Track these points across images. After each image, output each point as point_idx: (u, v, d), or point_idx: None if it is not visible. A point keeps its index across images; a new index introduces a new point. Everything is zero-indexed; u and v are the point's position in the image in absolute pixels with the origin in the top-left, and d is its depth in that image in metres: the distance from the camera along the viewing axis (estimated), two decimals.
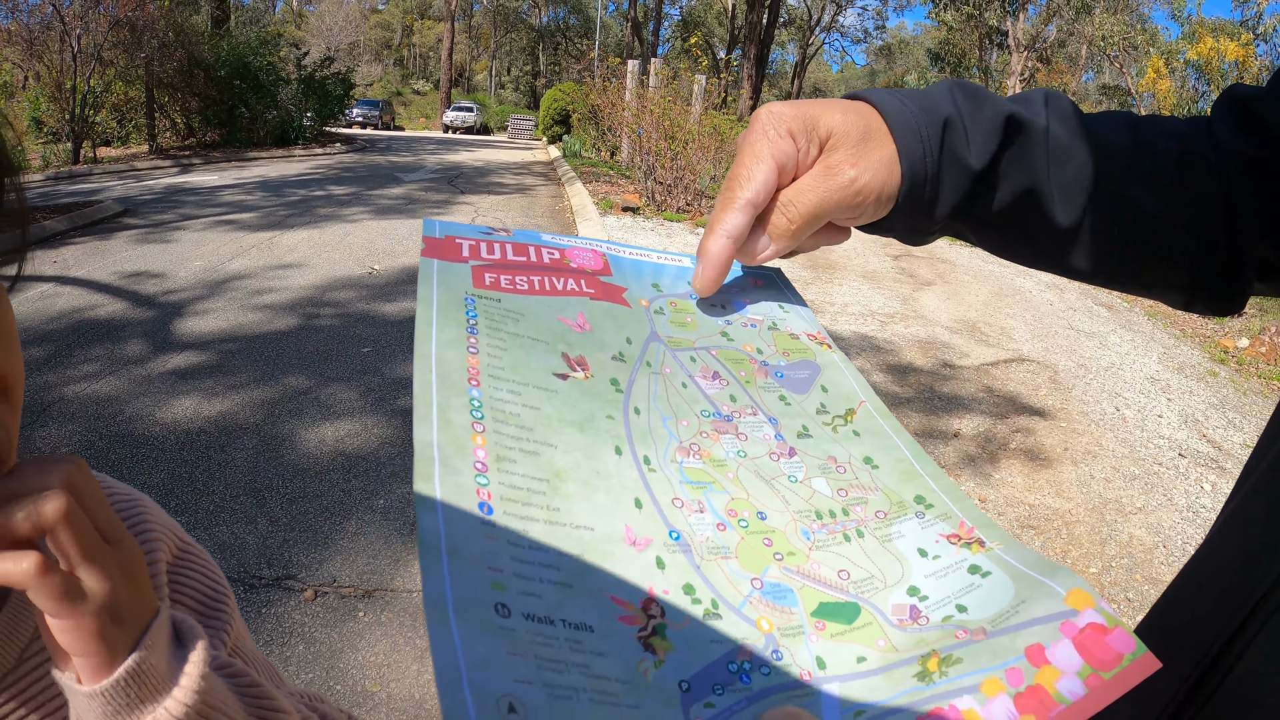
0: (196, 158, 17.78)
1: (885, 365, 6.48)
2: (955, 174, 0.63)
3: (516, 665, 0.32)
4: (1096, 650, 0.35)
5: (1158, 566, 3.85)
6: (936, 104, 0.63)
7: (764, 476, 0.47)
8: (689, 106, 13.97)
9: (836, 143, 0.60)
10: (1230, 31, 21.67)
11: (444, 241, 0.56)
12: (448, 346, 0.46)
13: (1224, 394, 7.12)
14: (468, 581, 0.34)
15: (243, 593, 2.98)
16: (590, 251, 0.61)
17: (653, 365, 0.52)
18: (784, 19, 45.26)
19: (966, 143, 0.63)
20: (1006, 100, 0.67)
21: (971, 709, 0.35)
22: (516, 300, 0.52)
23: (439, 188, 14.83)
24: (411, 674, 2.68)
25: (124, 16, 16.12)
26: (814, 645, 0.39)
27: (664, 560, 0.40)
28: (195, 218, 10.10)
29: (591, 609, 0.36)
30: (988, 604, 0.40)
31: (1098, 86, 41.61)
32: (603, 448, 0.45)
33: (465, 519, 0.37)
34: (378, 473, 3.92)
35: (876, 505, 0.47)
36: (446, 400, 0.42)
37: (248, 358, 5.32)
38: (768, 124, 0.60)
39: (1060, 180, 0.64)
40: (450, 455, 0.39)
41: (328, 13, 70.41)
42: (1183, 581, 0.72)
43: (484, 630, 0.32)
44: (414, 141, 30.90)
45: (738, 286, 0.64)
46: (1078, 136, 0.64)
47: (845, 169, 0.59)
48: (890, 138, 0.61)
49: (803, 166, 0.61)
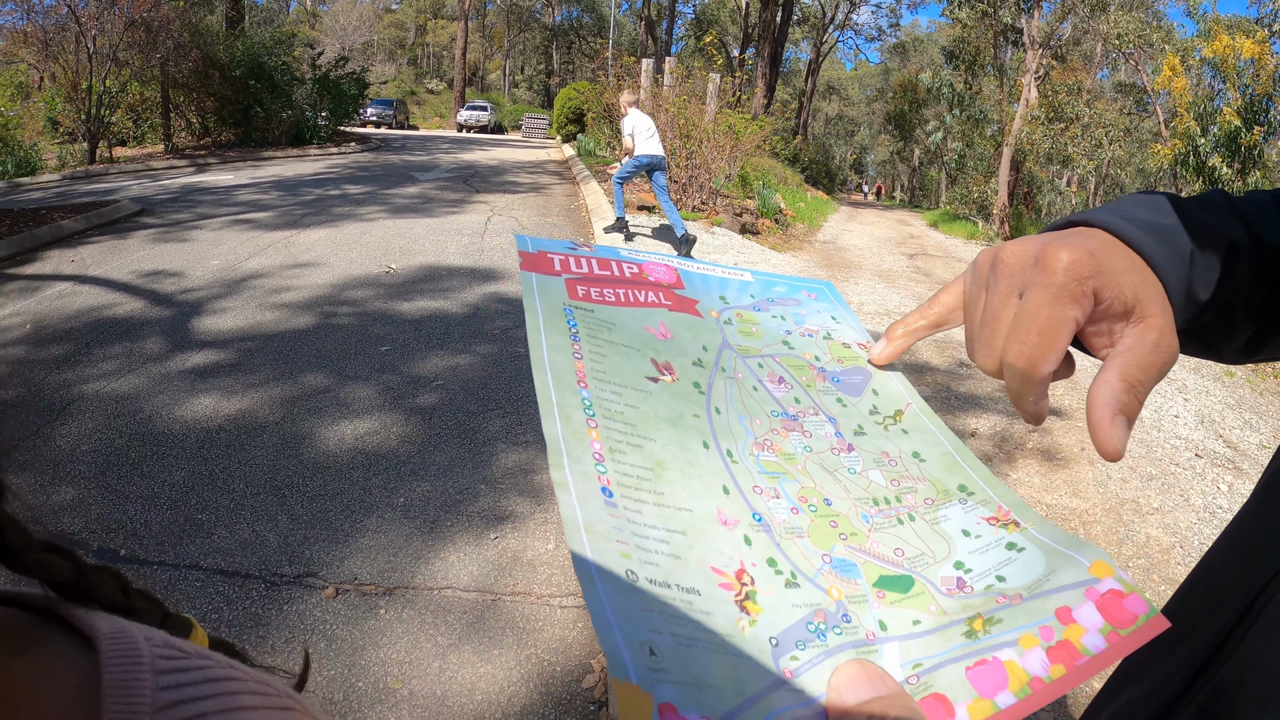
0: (212, 157, 17.86)
1: (901, 364, 6.46)
2: (1187, 308, 0.60)
3: (649, 618, 0.38)
4: (1115, 611, 0.41)
5: (1175, 567, 3.84)
6: (1181, 244, 0.59)
7: (827, 468, 0.53)
8: (704, 105, 13.97)
9: (1146, 311, 0.53)
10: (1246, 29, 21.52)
11: (537, 256, 0.62)
12: (557, 352, 0.52)
13: (1240, 394, 7.09)
14: (603, 552, 0.40)
15: (264, 590, 3.01)
16: (664, 266, 0.67)
17: (727, 370, 0.59)
18: (798, 17, 45.17)
19: (1199, 277, 0.60)
20: (1214, 217, 0.63)
21: (1012, 660, 0.40)
22: (607, 311, 0.59)
23: (454, 187, 14.86)
24: (433, 671, 2.70)
25: (139, 17, 16.22)
26: (876, 610, 0.45)
27: (750, 538, 0.46)
28: (212, 217, 10.16)
29: (698, 576, 0.42)
30: (1023, 574, 0.46)
31: (1113, 84, 41.42)
32: (693, 442, 0.51)
33: (593, 500, 0.43)
34: (398, 470, 3.94)
35: (925, 493, 0.53)
36: (564, 399, 0.49)
37: (266, 356, 5.36)
38: (1069, 284, 0.52)
39: (1250, 298, 0.64)
40: (574, 446, 0.46)
41: (341, 12, 70.52)
42: (1194, 575, 0.77)
43: (620, 591, 0.38)
44: (428, 140, 30.96)
45: (794, 300, 0.70)
46: (1259, 248, 0.63)
47: (1172, 345, 0.53)
48: (1165, 294, 0.56)
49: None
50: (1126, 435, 0.51)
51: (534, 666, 2.76)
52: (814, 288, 0.73)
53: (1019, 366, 0.53)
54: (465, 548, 3.36)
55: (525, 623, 2.96)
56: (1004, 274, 0.55)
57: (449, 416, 4.58)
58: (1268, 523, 0.68)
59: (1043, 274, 0.52)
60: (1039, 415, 0.56)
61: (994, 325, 0.55)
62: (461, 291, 7.22)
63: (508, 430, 4.45)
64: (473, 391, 4.96)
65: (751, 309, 0.67)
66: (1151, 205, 0.61)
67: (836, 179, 50.89)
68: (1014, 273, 0.54)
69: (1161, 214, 0.60)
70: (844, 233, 17.37)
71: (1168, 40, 25.21)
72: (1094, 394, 0.52)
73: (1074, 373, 0.56)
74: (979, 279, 0.58)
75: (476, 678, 2.69)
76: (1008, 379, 0.55)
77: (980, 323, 0.56)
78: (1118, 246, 0.55)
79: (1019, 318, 0.53)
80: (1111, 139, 24.44)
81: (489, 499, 3.75)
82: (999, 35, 26.56)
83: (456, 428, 4.45)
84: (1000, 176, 23.66)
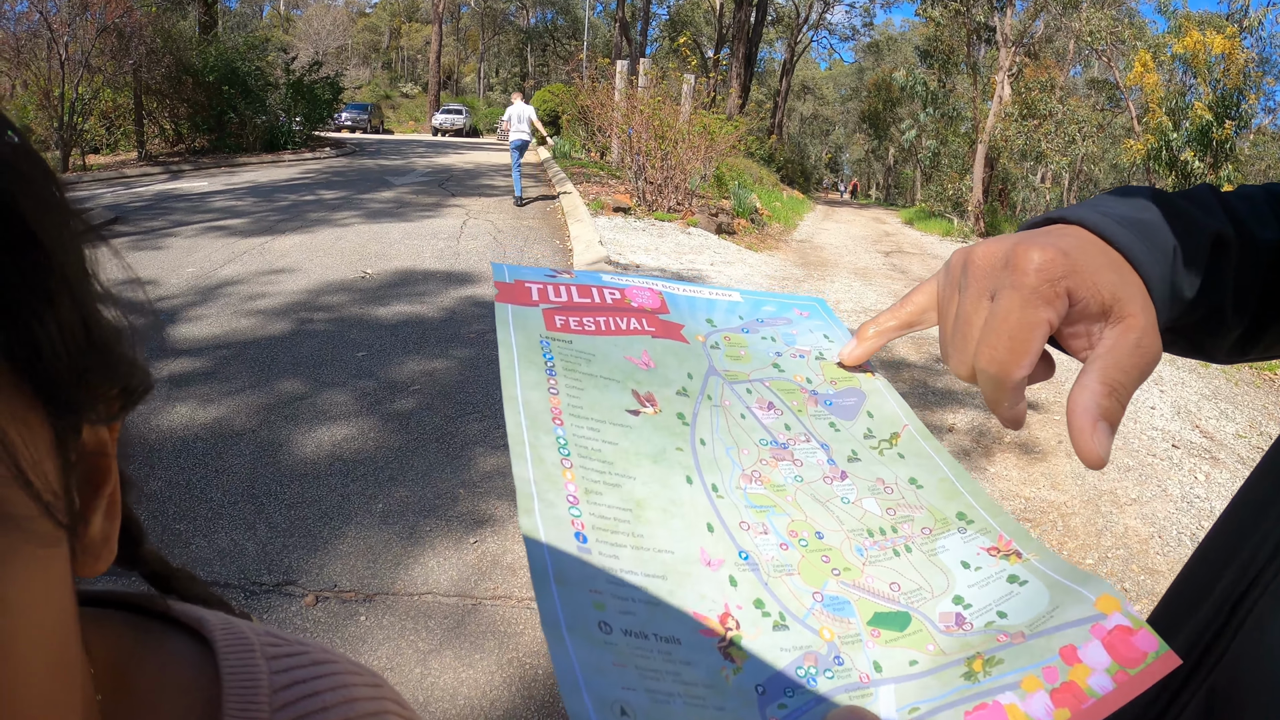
0: (186, 164, 17.74)
1: (878, 361, 6.44)
2: (1171, 306, 0.59)
3: (622, 674, 0.36)
4: (1123, 649, 0.39)
5: (1154, 557, 3.87)
6: (1163, 239, 0.57)
7: (819, 499, 0.51)
8: (678, 106, 14.00)
9: (1125, 310, 0.52)
10: (1217, 24, 21.71)
11: (514, 286, 0.59)
12: (531, 389, 0.50)
13: (1216, 385, 7.16)
14: (574, 603, 0.38)
15: (243, 599, 2.98)
16: (648, 290, 0.64)
17: (713, 398, 0.56)
18: (772, 17, 45.24)
19: (1184, 274, 0.58)
20: (1199, 212, 0.61)
21: (1013, 704, 0.38)
22: (587, 341, 0.56)
23: (430, 191, 14.82)
24: (414, 677, 2.69)
25: (111, 23, 16.08)
26: (871, 651, 0.43)
27: (736, 578, 0.44)
28: (186, 224, 10.08)
29: (677, 623, 0.40)
30: (1025, 610, 0.44)
31: (1086, 80, 41.72)
32: (675, 478, 0.48)
33: (565, 547, 0.41)
34: (375, 476, 3.92)
35: (922, 522, 0.51)
36: (537, 439, 0.46)
37: (242, 364, 5.32)
38: (1041, 286, 0.50)
39: (1239, 295, 0.62)
40: (546, 490, 0.43)
41: (315, 17, 70.18)
42: (1187, 568, 0.75)
43: (592, 644, 0.36)
44: (403, 144, 30.86)
45: (784, 319, 0.68)
46: (1250, 245, 0.62)
47: (1154, 344, 0.52)
48: (1146, 292, 0.54)
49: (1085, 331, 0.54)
50: (1109, 441, 0.50)
51: (516, 670, 2.75)
52: (806, 305, 0.71)
53: (991, 372, 0.51)
54: (445, 552, 3.35)
55: (506, 626, 2.95)
56: (975, 276, 0.53)
57: (426, 421, 4.57)
58: (1245, 527, 0.67)
59: (1013, 275, 0.50)
60: (1017, 420, 0.54)
61: (966, 330, 0.53)
62: (437, 296, 7.20)
63: (485, 434, 4.43)
64: (450, 395, 4.94)
65: (739, 331, 0.64)
66: (1133, 200, 0.59)
67: (812, 178, 50.95)
68: (985, 274, 0.53)
69: (1143, 209, 0.58)
70: (820, 231, 17.43)
71: (1139, 37, 25.42)
72: (1074, 399, 0.50)
73: (1054, 374, 0.55)
74: (952, 280, 0.56)
75: (458, 682, 2.68)
76: (981, 384, 0.53)
77: (953, 327, 0.55)
78: (1095, 244, 0.54)
79: (990, 322, 0.51)
80: (1085, 135, 24.64)
81: (468, 503, 3.73)
82: (972, 33, 26.74)
83: (434, 432, 4.43)
84: (975, 173, 23.81)
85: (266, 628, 0.49)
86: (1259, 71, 20.60)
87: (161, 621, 0.47)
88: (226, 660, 0.45)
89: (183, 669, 0.45)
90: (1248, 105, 19.56)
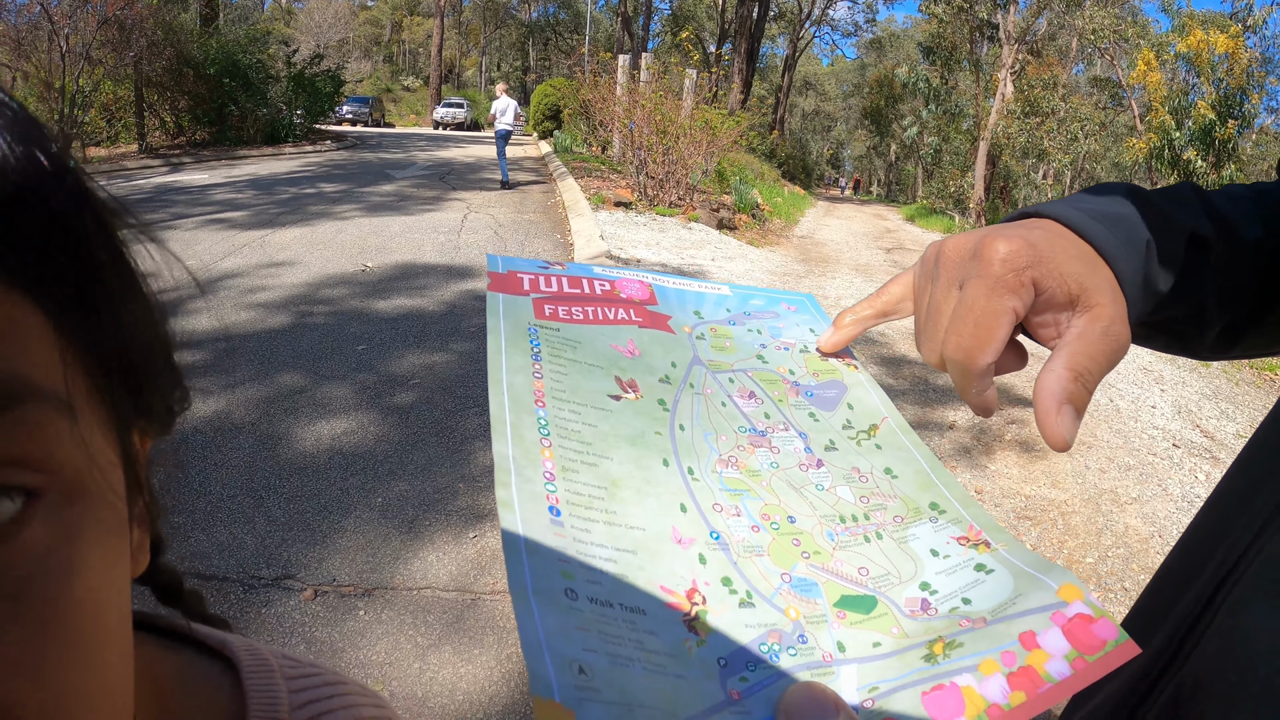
0: (186, 156, 17.71)
1: (879, 357, 6.49)
2: (1145, 299, 0.59)
3: (584, 638, 0.37)
4: (1083, 636, 0.40)
5: (1154, 556, 3.86)
6: (1136, 233, 0.58)
7: (794, 485, 0.52)
8: (680, 101, 13.99)
9: (1093, 300, 0.53)
10: (1220, 24, 21.72)
11: (507, 276, 0.62)
12: (516, 373, 0.51)
13: (1217, 384, 7.16)
14: (542, 571, 0.39)
15: (242, 593, 2.98)
16: (638, 283, 0.66)
17: (695, 387, 0.57)
18: (774, 13, 45.25)
19: (1159, 268, 0.59)
20: (1177, 208, 0.62)
21: (970, 685, 0.39)
22: (574, 329, 0.58)
23: (430, 184, 14.81)
24: (413, 672, 2.68)
25: (112, 15, 16.04)
26: (835, 631, 0.44)
27: (705, 557, 0.45)
28: (186, 217, 10.06)
29: (644, 595, 0.41)
30: (989, 597, 0.45)
31: (1088, 79, 41.64)
32: (652, 460, 0.50)
33: (538, 519, 0.42)
34: (375, 470, 3.92)
35: (895, 511, 0.52)
36: (519, 419, 0.48)
37: (242, 357, 5.31)
38: (1006, 275, 0.52)
39: (1222, 292, 0.64)
40: (523, 466, 0.45)
41: (316, 9, 70.11)
42: (1166, 564, 0.79)
43: (556, 609, 0.37)
44: (404, 138, 30.83)
45: (772, 313, 0.69)
46: (1233, 243, 0.63)
47: (1122, 333, 0.53)
48: (1117, 283, 0.55)
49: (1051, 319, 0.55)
50: (1075, 425, 0.51)
51: (515, 665, 2.74)
52: (794, 300, 0.72)
53: (958, 359, 0.53)
54: (444, 547, 3.34)
55: (505, 621, 2.95)
56: (946, 266, 0.55)
57: (426, 415, 4.56)
58: (1229, 516, 0.68)
59: (980, 265, 0.52)
60: (986, 407, 0.56)
61: (936, 318, 0.55)
62: (438, 289, 7.19)
63: (485, 428, 4.42)
64: (450, 389, 4.93)
65: (726, 323, 0.65)
66: (1109, 197, 0.61)
67: (813, 174, 51.02)
68: (955, 265, 0.54)
69: (1118, 205, 0.60)
70: (821, 227, 17.43)
71: (1143, 35, 25.42)
72: (1040, 383, 0.51)
73: (1026, 365, 0.57)
74: (926, 270, 0.58)
75: (457, 678, 2.68)
76: (950, 371, 0.55)
77: (925, 316, 0.57)
78: (1066, 236, 0.55)
79: (957, 310, 0.53)
80: (1087, 133, 24.63)
81: (467, 497, 3.73)
82: (975, 30, 26.73)
83: (434, 426, 4.42)
84: (976, 171, 23.83)
85: (287, 651, 0.53)
86: (1262, 71, 20.61)
87: (185, 642, 0.51)
88: (250, 680, 0.49)
89: (211, 689, 0.48)
90: (1251, 105, 19.56)
